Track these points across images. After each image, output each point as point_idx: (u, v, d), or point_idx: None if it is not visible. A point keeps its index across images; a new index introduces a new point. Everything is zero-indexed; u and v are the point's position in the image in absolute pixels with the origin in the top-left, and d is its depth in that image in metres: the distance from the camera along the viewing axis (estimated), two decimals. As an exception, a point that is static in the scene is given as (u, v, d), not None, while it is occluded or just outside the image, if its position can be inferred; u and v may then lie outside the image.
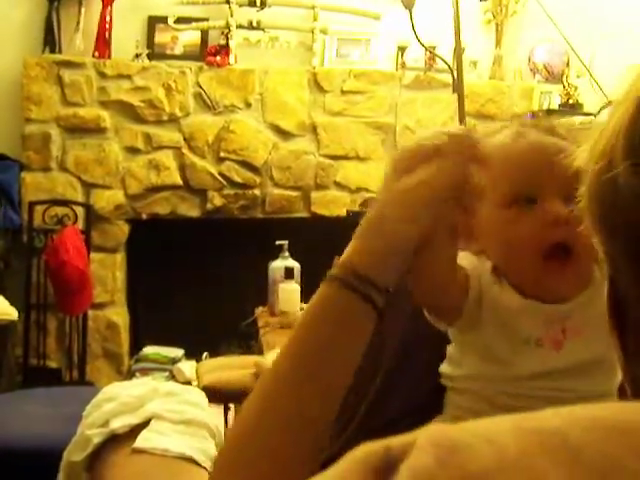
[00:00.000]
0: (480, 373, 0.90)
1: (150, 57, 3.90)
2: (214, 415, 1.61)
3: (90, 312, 3.84)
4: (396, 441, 0.36)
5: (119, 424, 1.39)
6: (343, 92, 3.95)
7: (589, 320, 0.87)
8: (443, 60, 3.34)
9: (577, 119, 3.13)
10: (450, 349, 0.95)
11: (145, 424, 1.39)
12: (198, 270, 4.03)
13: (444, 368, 0.95)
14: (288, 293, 2.90)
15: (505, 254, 0.91)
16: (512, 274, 0.91)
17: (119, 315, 3.94)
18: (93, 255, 3.82)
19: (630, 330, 0.55)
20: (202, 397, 1.48)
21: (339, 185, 3.99)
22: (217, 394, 1.80)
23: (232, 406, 2.17)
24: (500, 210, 0.89)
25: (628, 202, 0.51)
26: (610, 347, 0.74)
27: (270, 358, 1.79)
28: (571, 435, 0.35)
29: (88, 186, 3.82)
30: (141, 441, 1.33)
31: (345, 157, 3.98)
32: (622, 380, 0.61)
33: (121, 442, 1.38)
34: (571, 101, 3.63)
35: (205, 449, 1.35)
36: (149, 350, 3.98)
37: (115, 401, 1.45)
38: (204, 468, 1.31)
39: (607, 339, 0.65)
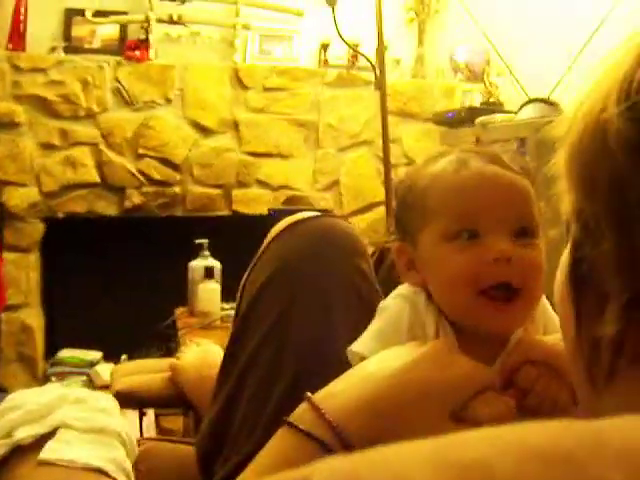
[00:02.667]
0: None
1: (67, 51, 3.78)
2: (127, 422, 1.55)
3: (3, 314, 3.70)
4: (291, 475, 0.31)
5: (24, 434, 1.31)
6: (265, 89, 3.89)
7: None
8: (366, 58, 3.33)
9: (498, 116, 3.13)
10: None
11: (52, 433, 1.32)
12: (117, 270, 3.93)
13: None
14: (208, 293, 2.84)
15: (443, 289, 0.86)
16: (449, 310, 0.86)
17: (34, 317, 3.81)
18: (6, 255, 3.67)
19: (591, 294, 0.52)
20: (113, 403, 1.41)
21: (261, 183, 3.93)
22: (131, 399, 1.73)
23: (147, 411, 2.11)
24: (442, 243, 0.85)
25: (617, 151, 0.47)
26: None
27: (185, 360, 1.73)
28: (498, 469, 0.30)
29: (1, 183, 3.68)
30: (47, 452, 1.26)
31: (267, 154, 3.93)
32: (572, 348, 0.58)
33: (26, 453, 1.30)
34: (492, 99, 3.65)
35: (115, 458, 1.29)
36: (65, 353, 3.87)
37: (20, 409, 1.37)
38: (113, 478, 1.25)
39: None
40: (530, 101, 2.93)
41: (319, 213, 1.28)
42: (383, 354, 0.81)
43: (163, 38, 3.90)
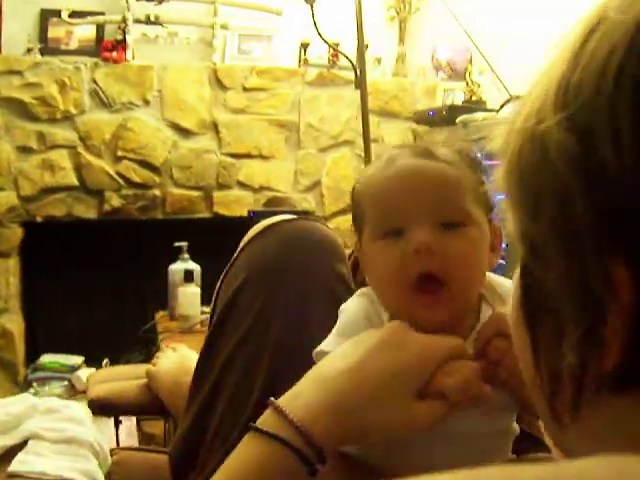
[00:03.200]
0: None
1: (43, 52, 3.73)
2: (103, 431, 1.52)
3: (-18, 320, 3.65)
4: None
5: (-7, 446, 1.28)
6: (245, 89, 3.86)
7: None
8: (346, 57, 3.29)
9: (479, 115, 3.11)
10: None
11: (23, 445, 1.28)
12: (97, 274, 3.88)
13: None
14: (188, 297, 2.80)
15: (376, 287, 0.88)
16: (386, 307, 0.88)
17: (14, 322, 3.76)
18: (-16, 260, 3.63)
19: (546, 322, 0.48)
20: (85, 412, 1.37)
21: (242, 184, 3.90)
22: (106, 407, 1.69)
23: (125, 418, 2.06)
24: (373, 242, 0.86)
25: (558, 165, 0.44)
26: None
27: (160, 366, 1.69)
28: None
29: (-22, 188, 3.63)
30: (16, 464, 1.23)
31: (248, 155, 3.89)
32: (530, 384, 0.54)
33: (-4, 465, 1.27)
34: (474, 98, 3.63)
35: (87, 470, 1.25)
36: (46, 358, 3.82)
37: (-10, 420, 1.33)
38: (85, 491, 1.22)
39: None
40: (512, 99, 2.91)
41: (295, 216, 1.25)
42: (340, 348, 0.82)
43: (140, 39, 3.86)
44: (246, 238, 1.22)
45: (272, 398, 0.78)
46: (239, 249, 1.22)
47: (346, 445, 0.82)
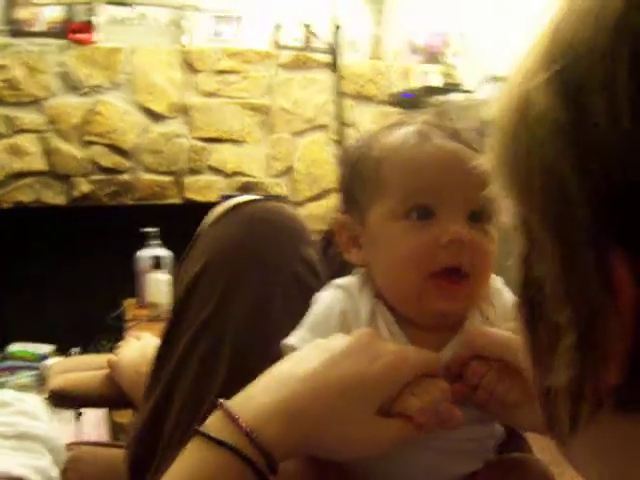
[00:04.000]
0: None
1: (10, 34, 3.64)
2: (63, 425, 1.45)
3: (-53, 309, 3.58)
4: None
5: (-59, 442, 1.21)
6: (216, 72, 3.78)
7: None
8: (320, 38, 3.23)
9: (457, 96, 3.05)
10: None
11: (-27, 440, 1.22)
12: (67, 260, 3.80)
13: None
14: (157, 283, 2.73)
15: (390, 270, 0.80)
16: (392, 293, 0.80)
17: (-20, 311, 3.69)
18: (-51, 248, 3.55)
19: (541, 326, 0.41)
20: (41, 406, 1.31)
21: (213, 169, 3.83)
22: (66, 399, 1.63)
23: (90, 410, 2.00)
24: (394, 220, 0.78)
25: (542, 133, 0.37)
26: None
27: (123, 355, 1.62)
28: None
29: (-58, 173, 3.54)
30: (-37, 461, 1.16)
31: (219, 140, 3.82)
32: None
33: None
34: (450, 81, 3.58)
35: (40, 466, 1.19)
36: (15, 347, 3.74)
37: (-61, 415, 1.27)
38: (38, 488, 1.15)
39: None
40: (491, 79, 2.83)
41: (260, 196, 1.18)
42: (302, 351, 0.76)
43: (109, 20, 3.77)
44: (207, 219, 1.15)
45: (221, 399, 0.71)
46: (199, 230, 1.15)
47: (302, 454, 0.75)
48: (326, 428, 0.69)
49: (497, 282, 0.84)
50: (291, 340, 0.82)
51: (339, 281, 0.86)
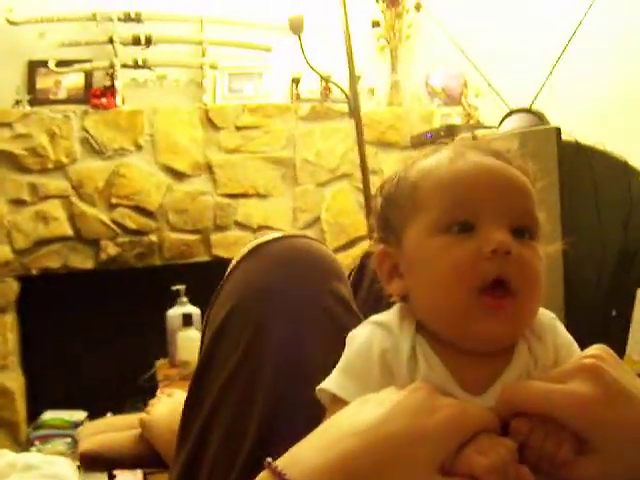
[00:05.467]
0: None
1: (32, 103, 3.68)
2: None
3: (-20, 379, 3.56)
4: None
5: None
6: (238, 128, 3.79)
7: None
8: (339, 87, 3.22)
9: (479, 132, 3.02)
10: None
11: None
12: (97, 325, 3.78)
13: None
14: (187, 341, 2.69)
15: (431, 290, 0.74)
16: (435, 317, 0.75)
17: (13, 380, 3.66)
18: (-20, 317, 3.55)
19: None
20: (71, 469, 1.27)
21: (240, 225, 3.81)
22: (97, 461, 1.58)
23: (127, 473, 1.95)
24: (431, 237, 0.74)
25: None
26: None
27: (155, 414, 1.58)
28: None
29: (-29, 244, 3.56)
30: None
31: (244, 195, 3.81)
32: None
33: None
34: (472, 121, 3.55)
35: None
36: (48, 415, 3.70)
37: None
38: None
39: None
40: (512, 112, 2.79)
41: (287, 233, 1.14)
42: (352, 407, 0.69)
43: (129, 83, 3.81)
44: (234, 262, 1.11)
45: (269, 459, 0.65)
46: (228, 273, 1.11)
47: None
48: None
49: (548, 315, 0.79)
50: (327, 384, 0.77)
51: (376, 317, 0.81)
